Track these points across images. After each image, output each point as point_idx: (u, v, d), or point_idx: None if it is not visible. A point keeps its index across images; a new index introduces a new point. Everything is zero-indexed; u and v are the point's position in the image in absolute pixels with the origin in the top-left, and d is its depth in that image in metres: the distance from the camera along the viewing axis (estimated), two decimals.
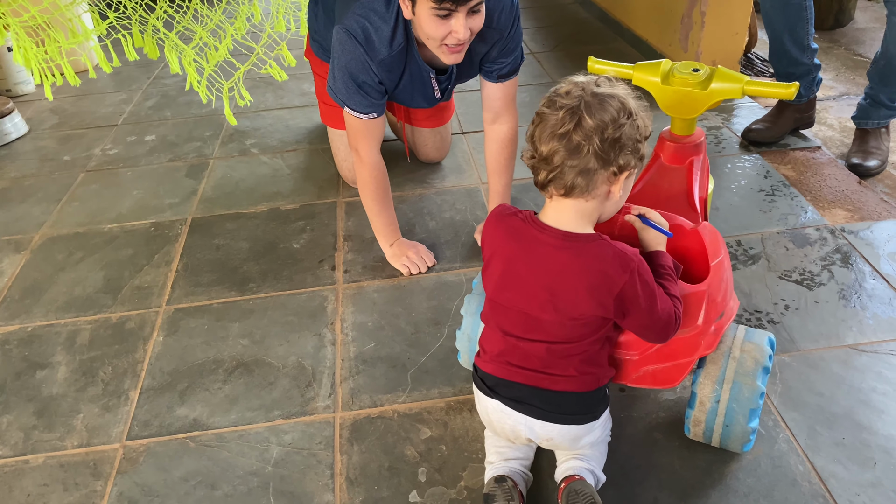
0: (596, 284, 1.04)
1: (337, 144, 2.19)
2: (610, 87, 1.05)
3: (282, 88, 3.01)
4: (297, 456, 1.35)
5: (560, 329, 1.09)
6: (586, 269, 1.04)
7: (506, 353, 1.13)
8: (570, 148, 1.00)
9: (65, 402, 1.51)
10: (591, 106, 1.00)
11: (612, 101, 1.02)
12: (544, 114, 1.04)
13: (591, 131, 0.99)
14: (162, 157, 2.50)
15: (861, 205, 1.98)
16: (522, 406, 1.13)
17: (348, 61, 1.64)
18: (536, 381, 1.11)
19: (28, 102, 3.04)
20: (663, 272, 1.14)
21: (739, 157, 2.26)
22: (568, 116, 1.00)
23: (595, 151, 1.00)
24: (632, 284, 1.03)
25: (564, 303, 1.06)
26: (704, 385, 1.22)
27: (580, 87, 1.03)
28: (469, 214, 2.05)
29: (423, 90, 1.79)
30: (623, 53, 3.17)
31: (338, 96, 1.71)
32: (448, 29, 1.49)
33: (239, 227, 2.06)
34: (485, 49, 1.71)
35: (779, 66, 2.29)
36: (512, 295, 1.11)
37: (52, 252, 2.01)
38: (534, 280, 1.07)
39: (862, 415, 1.35)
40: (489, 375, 1.16)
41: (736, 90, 1.30)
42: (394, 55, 1.64)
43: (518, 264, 1.09)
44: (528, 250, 1.08)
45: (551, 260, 1.06)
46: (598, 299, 1.05)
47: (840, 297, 1.65)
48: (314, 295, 1.77)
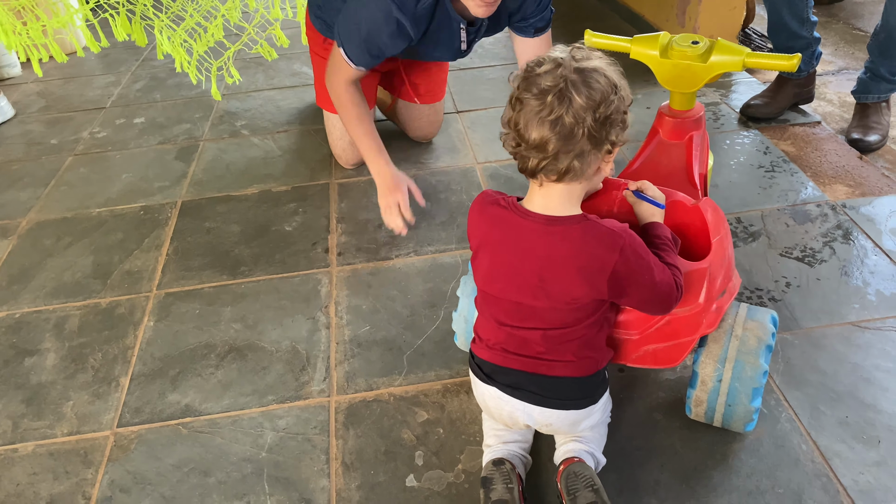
0: (586, 266, 1.01)
1: (332, 126, 2.15)
2: (588, 59, 0.98)
3: (272, 69, 2.96)
4: (292, 441, 1.33)
5: (555, 315, 1.06)
6: (575, 252, 1.01)
7: (502, 341, 1.11)
8: (564, 134, 0.95)
9: (54, 389, 1.48)
10: (577, 85, 0.95)
11: (598, 77, 0.96)
12: (525, 99, 0.97)
13: (582, 112, 0.94)
14: (151, 140, 2.46)
15: (862, 180, 1.95)
16: (520, 392, 1.10)
17: (372, 17, 1.62)
18: (534, 367, 1.09)
19: (14, 86, 2.98)
20: (659, 242, 1.11)
21: (738, 133, 2.23)
22: (556, 100, 0.94)
23: (588, 133, 0.95)
24: (624, 261, 1.00)
25: (556, 288, 1.03)
26: (706, 364, 1.20)
27: (559, 65, 0.97)
28: (464, 195, 2.02)
29: (450, 42, 1.75)
30: (620, 30, 3.12)
31: (339, 37, 1.71)
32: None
33: (230, 210, 2.02)
34: (516, 4, 1.71)
35: (778, 40, 2.25)
36: (502, 285, 1.08)
37: (40, 237, 1.97)
38: (523, 268, 1.04)
39: (865, 393, 1.33)
40: (486, 363, 1.13)
41: (736, 63, 1.26)
42: (425, 6, 1.61)
43: (505, 254, 1.06)
44: (513, 238, 1.05)
45: (538, 246, 1.03)
46: (590, 282, 1.02)
47: (842, 274, 1.62)
48: (307, 278, 1.74)
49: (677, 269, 1.09)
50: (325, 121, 2.19)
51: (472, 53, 2.94)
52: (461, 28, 1.71)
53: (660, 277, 1.04)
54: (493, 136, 2.31)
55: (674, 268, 1.08)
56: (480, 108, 2.51)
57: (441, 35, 1.72)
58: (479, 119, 2.44)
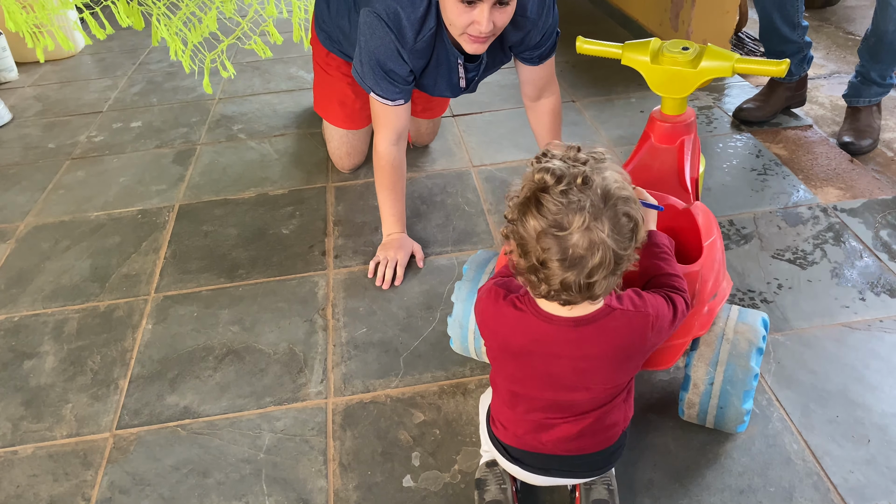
0: (624, 356, 1.00)
1: (331, 134, 2.16)
2: (610, 195, 0.87)
3: (269, 72, 2.98)
4: (290, 442, 1.34)
5: (594, 401, 1.03)
6: (611, 348, 0.98)
7: (534, 430, 1.05)
8: (591, 282, 0.89)
9: (53, 391, 1.49)
10: (607, 244, 0.86)
11: (625, 219, 0.88)
12: (552, 263, 0.87)
13: (610, 263, 0.88)
14: (148, 144, 2.47)
15: (853, 183, 1.97)
16: (551, 472, 1.09)
17: (377, 47, 1.59)
18: (566, 449, 1.06)
19: (11, 90, 2.99)
20: (659, 252, 1.11)
21: (731, 137, 2.25)
22: (587, 266, 0.86)
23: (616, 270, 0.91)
24: (654, 332, 0.99)
25: (597, 381, 1.01)
26: (698, 367, 1.21)
27: (588, 222, 0.85)
28: (460, 197, 2.03)
29: (449, 76, 1.72)
30: (613, 33, 3.15)
31: (365, 82, 1.67)
32: (471, 18, 1.44)
33: (227, 214, 2.04)
34: (518, 37, 1.65)
35: (769, 45, 2.28)
36: (534, 386, 1.03)
37: (38, 241, 1.98)
38: (555, 371, 1.00)
39: (856, 392, 1.35)
40: (514, 448, 1.09)
41: (726, 68, 1.28)
42: (424, 39, 1.59)
43: (533, 359, 1.00)
44: (540, 345, 0.98)
45: (569, 349, 0.97)
46: (628, 367, 1.02)
47: (833, 276, 1.64)
48: (304, 280, 1.75)
49: (680, 279, 1.08)
50: (323, 129, 2.21)
51: None
52: (458, 63, 1.68)
53: (677, 316, 1.03)
54: (489, 140, 2.33)
55: (677, 279, 1.08)
56: (476, 112, 2.52)
57: (440, 70, 1.70)
58: (474, 123, 2.45)
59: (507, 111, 2.52)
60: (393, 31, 1.56)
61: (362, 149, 2.16)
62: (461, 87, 1.78)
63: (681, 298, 1.06)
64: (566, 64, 2.85)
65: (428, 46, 1.62)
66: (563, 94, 2.60)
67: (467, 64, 1.70)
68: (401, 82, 1.65)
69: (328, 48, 2.02)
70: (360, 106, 2.05)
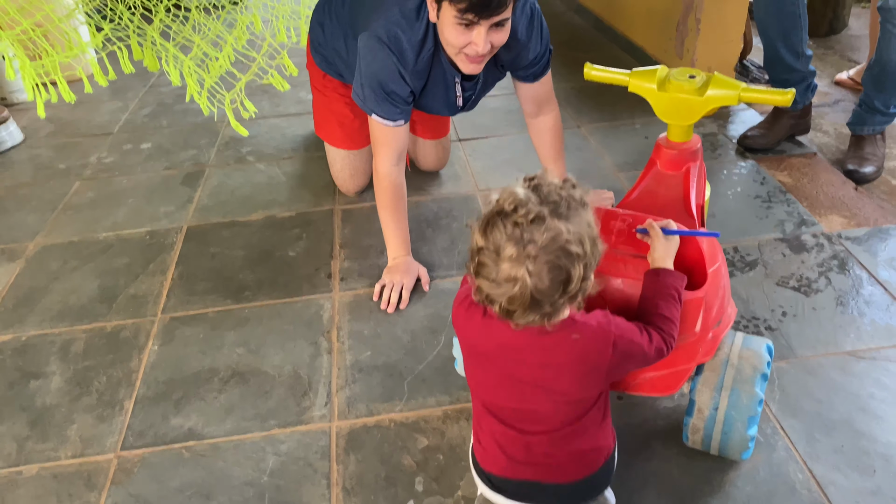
0: (584, 370, 1.01)
1: (333, 158, 2.19)
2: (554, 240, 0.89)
3: (278, 96, 3.01)
4: (294, 466, 1.34)
5: (558, 415, 1.04)
6: (571, 359, 1.01)
7: (506, 446, 1.07)
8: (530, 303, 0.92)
9: (59, 412, 1.50)
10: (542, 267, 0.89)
11: (572, 259, 0.90)
12: (487, 265, 0.92)
13: (551, 291, 0.91)
14: (157, 166, 2.50)
15: (857, 211, 1.98)
16: (533, 501, 1.08)
17: (379, 69, 1.64)
18: (546, 475, 1.06)
19: (24, 111, 3.03)
20: (666, 293, 1.10)
21: (735, 164, 2.26)
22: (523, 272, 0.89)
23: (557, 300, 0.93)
24: (616, 354, 1.01)
25: (557, 391, 1.03)
26: (703, 392, 1.21)
27: (522, 256, 0.89)
28: (465, 221, 2.05)
29: (446, 95, 1.77)
30: (618, 60, 3.18)
31: (366, 104, 1.71)
32: (468, 39, 1.49)
33: (234, 235, 2.05)
34: (510, 57, 1.72)
35: (774, 73, 2.30)
36: (501, 394, 1.06)
37: (47, 261, 1.99)
38: (519, 377, 1.03)
39: (861, 422, 1.35)
40: (494, 476, 1.10)
41: (732, 97, 1.29)
42: (423, 60, 1.64)
43: (499, 364, 1.04)
44: (505, 350, 1.02)
45: (533, 356, 1.01)
46: (590, 382, 1.03)
47: (838, 304, 1.64)
48: (310, 303, 1.76)
49: (672, 323, 1.08)
50: (326, 153, 2.23)
51: None
52: (456, 82, 1.73)
53: (651, 348, 1.04)
54: (494, 164, 2.35)
55: (669, 322, 1.07)
56: (481, 137, 2.55)
57: (437, 88, 1.75)
58: (479, 147, 2.47)
59: (513, 136, 2.54)
60: (395, 54, 1.61)
61: (365, 169, 2.18)
62: (458, 106, 1.83)
63: (659, 337, 1.05)
64: (572, 90, 2.87)
65: (426, 67, 1.67)
66: (569, 120, 2.62)
67: (464, 83, 1.75)
68: (401, 103, 1.69)
69: (324, 70, 2.06)
70: (360, 125, 2.08)
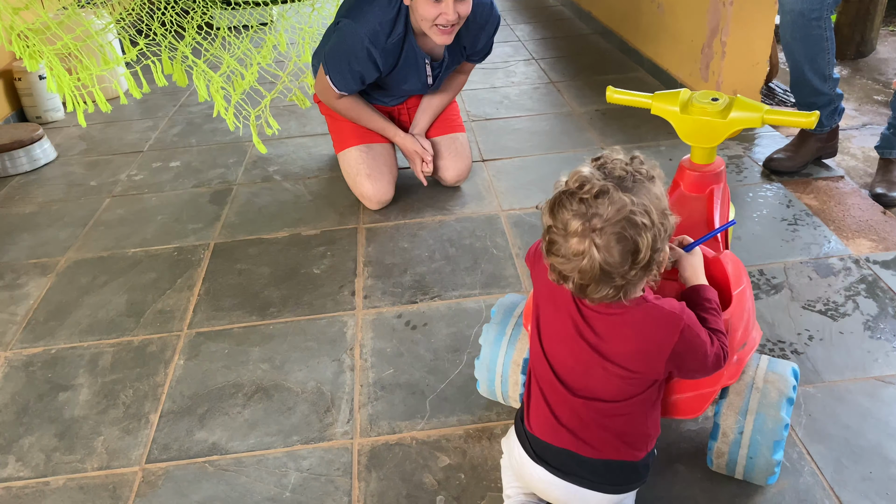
0: (647, 350, 1.02)
1: (349, 162, 2.26)
2: (622, 208, 0.93)
3: (304, 116, 3.05)
4: (315, 482, 1.35)
5: (608, 386, 1.05)
6: (635, 335, 1.02)
7: (555, 405, 1.08)
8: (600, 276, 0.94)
9: (86, 424, 1.52)
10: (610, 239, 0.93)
11: (643, 230, 0.93)
12: (558, 242, 0.95)
13: (620, 264, 0.93)
14: (186, 183, 2.54)
15: (886, 235, 1.96)
16: (572, 476, 1.08)
17: (350, 49, 1.97)
18: (586, 448, 1.07)
19: (57, 129, 3.10)
20: (708, 306, 1.11)
21: (761, 187, 2.25)
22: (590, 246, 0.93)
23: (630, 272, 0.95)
24: (682, 342, 1.01)
25: (615, 364, 1.03)
26: (727, 416, 1.20)
27: (590, 232, 0.93)
28: (489, 241, 2.06)
29: (417, 76, 2.13)
30: (643, 83, 3.19)
31: (326, 66, 2.05)
32: (439, 10, 1.85)
33: (261, 253, 2.08)
34: (469, 39, 2.10)
35: (800, 96, 2.29)
36: (563, 349, 1.07)
37: (77, 275, 2.03)
38: (579, 342, 1.04)
39: (890, 448, 1.33)
40: (536, 439, 1.11)
41: (755, 119, 1.29)
42: (393, 42, 1.98)
43: (562, 325, 1.06)
44: (571, 315, 1.05)
45: (597, 320, 1.03)
46: (648, 362, 1.03)
47: (865, 328, 1.62)
48: (334, 320, 1.77)
49: (723, 335, 1.09)
50: (342, 169, 2.30)
51: (499, 105, 3.03)
52: (426, 63, 2.09)
53: (711, 350, 1.04)
54: (518, 185, 2.36)
55: (720, 334, 1.08)
56: (506, 158, 2.56)
57: (409, 70, 2.09)
58: (504, 168, 2.49)
59: (537, 157, 2.55)
60: (368, 36, 1.94)
61: (383, 173, 2.23)
62: (429, 84, 2.20)
63: (719, 343, 1.06)
64: (596, 112, 2.89)
65: (397, 49, 2.01)
66: (594, 142, 2.63)
67: (433, 63, 2.12)
68: (358, 83, 2.06)
69: None
70: (371, 131, 2.30)
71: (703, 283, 1.15)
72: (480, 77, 3.38)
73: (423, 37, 2.02)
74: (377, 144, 2.27)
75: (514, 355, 1.35)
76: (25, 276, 2.04)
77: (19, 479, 1.40)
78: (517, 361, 1.35)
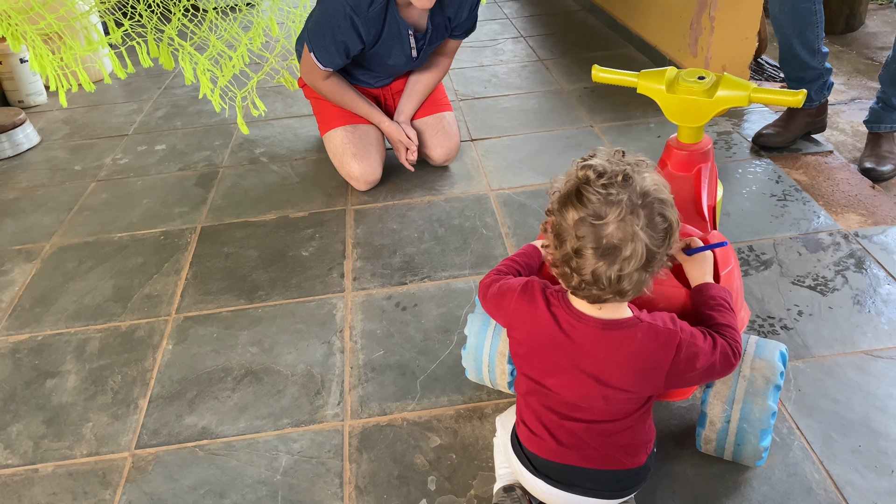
0: (645, 368, 1.00)
1: (334, 143, 2.24)
2: (648, 193, 0.92)
3: (291, 97, 3.02)
4: (306, 464, 1.35)
5: (607, 409, 1.04)
6: (634, 357, 1.00)
7: (555, 430, 1.07)
8: (624, 276, 0.93)
9: (74, 410, 1.51)
10: (640, 237, 0.91)
11: (660, 218, 0.93)
12: (587, 252, 0.91)
13: (642, 259, 0.92)
14: (172, 167, 2.51)
15: (874, 209, 1.96)
16: (575, 488, 1.08)
17: (332, 19, 1.95)
18: (589, 461, 1.06)
19: (40, 113, 3.06)
20: (714, 304, 1.10)
21: (750, 162, 2.25)
22: (621, 256, 0.91)
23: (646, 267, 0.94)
24: (679, 358, 1.00)
25: (613, 388, 1.02)
26: (714, 405, 1.19)
27: (624, 214, 0.90)
28: (478, 221, 2.04)
29: (401, 48, 2.08)
30: (632, 59, 3.17)
31: (311, 42, 2.03)
32: None
33: (248, 236, 2.06)
34: (452, 10, 2.06)
35: (789, 71, 2.28)
36: (556, 381, 1.05)
37: (63, 261, 2.01)
38: (578, 368, 1.02)
39: (878, 421, 1.33)
40: (536, 457, 1.09)
41: (742, 98, 1.28)
42: (375, 11, 1.94)
43: (559, 353, 1.03)
44: (568, 340, 1.02)
45: (594, 350, 1.01)
46: (647, 381, 1.02)
47: (854, 303, 1.63)
48: (323, 303, 1.76)
49: (733, 330, 1.07)
50: (328, 151, 2.29)
51: (487, 83, 3.00)
52: (409, 34, 2.05)
53: (715, 354, 1.03)
54: (507, 164, 2.35)
55: (729, 329, 1.07)
56: (494, 137, 2.54)
57: (393, 43, 2.05)
58: (493, 147, 2.47)
59: (526, 135, 2.53)
60: (349, 4, 1.91)
61: (368, 151, 2.22)
62: (413, 57, 2.14)
63: (724, 342, 1.04)
64: (584, 90, 2.87)
65: (379, 17, 1.97)
66: (582, 119, 2.61)
67: (417, 34, 2.07)
68: (342, 56, 2.02)
69: None
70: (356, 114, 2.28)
71: (709, 282, 1.14)
72: (468, 55, 3.35)
73: (405, 8, 1.99)
74: (363, 124, 2.25)
75: (500, 346, 1.33)
76: (10, 263, 2.02)
77: (8, 467, 1.39)
78: (503, 352, 1.33)
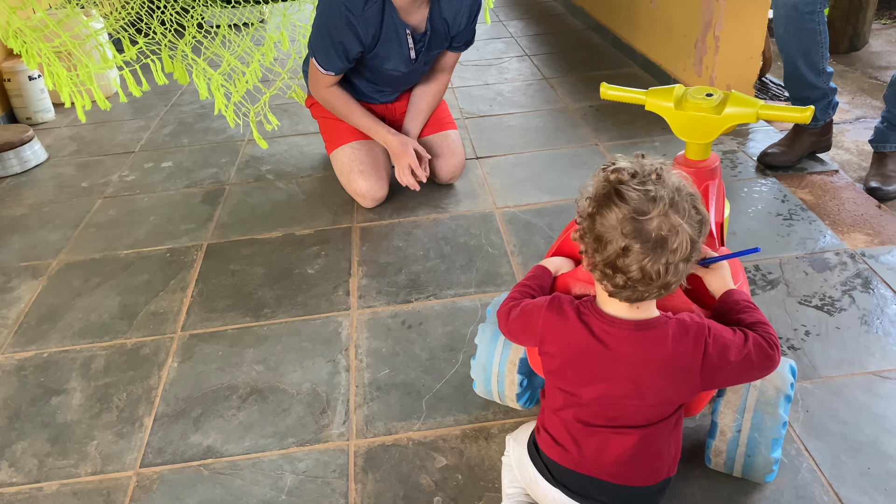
0: (681, 367, 1.00)
1: (341, 160, 2.25)
2: (680, 193, 0.95)
3: (297, 115, 3.04)
4: (311, 484, 1.34)
5: (642, 414, 1.04)
6: (669, 355, 1.00)
7: (581, 440, 1.07)
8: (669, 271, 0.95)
9: (79, 428, 1.50)
10: (682, 229, 0.93)
11: (695, 211, 0.95)
12: (633, 248, 0.93)
13: (684, 253, 0.94)
14: (178, 184, 2.52)
15: (881, 229, 1.96)
16: (590, 500, 1.07)
17: (329, 20, 1.96)
18: (609, 475, 1.06)
19: (47, 130, 3.08)
20: (739, 308, 1.10)
21: (756, 182, 2.25)
22: (667, 249, 0.93)
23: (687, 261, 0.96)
24: (710, 352, 1.00)
25: (650, 391, 1.02)
26: (725, 414, 1.20)
27: (665, 208, 0.93)
28: (483, 239, 2.04)
29: (400, 49, 2.06)
30: (636, 78, 3.18)
31: (311, 49, 2.06)
32: None
33: (254, 253, 2.06)
34: (451, 14, 2.06)
35: (794, 91, 2.28)
36: (589, 390, 1.05)
37: (69, 278, 2.02)
38: (614, 374, 1.02)
39: (888, 443, 1.32)
40: (556, 465, 1.09)
41: (750, 115, 1.28)
42: (371, 9, 1.95)
43: (594, 361, 1.03)
44: (601, 347, 1.02)
45: (629, 352, 1.01)
46: (685, 381, 1.02)
47: (862, 323, 1.62)
48: (328, 321, 1.76)
49: (767, 325, 1.07)
50: (335, 168, 2.29)
51: (492, 101, 3.01)
52: (407, 33, 2.03)
53: (748, 346, 1.03)
54: (513, 182, 2.35)
55: (762, 325, 1.07)
56: (500, 155, 2.55)
57: (391, 45, 2.04)
58: (498, 165, 2.48)
59: (532, 154, 2.54)
60: (344, 3, 1.91)
61: (375, 168, 2.22)
62: (412, 59, 2.11)
63: (756, 335, 1.04)
64: (590, 108, 2.88)
65: (376, 17, 1.97)
66: (587, 138, 2.62)
67: (415, 34, 2.05)
68: (343, 58, 2.02)
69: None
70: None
71: (731, 288, 1.14)
72: (473, 74, 3.37)
73: (403, 11, 1.99)
74: (369, 141, 2.26)
75: (511, 355, 1.34)
76: (17, 279, 2.03)
77: (12, 485, 1.38)
78: (513, 361, 1.34)
